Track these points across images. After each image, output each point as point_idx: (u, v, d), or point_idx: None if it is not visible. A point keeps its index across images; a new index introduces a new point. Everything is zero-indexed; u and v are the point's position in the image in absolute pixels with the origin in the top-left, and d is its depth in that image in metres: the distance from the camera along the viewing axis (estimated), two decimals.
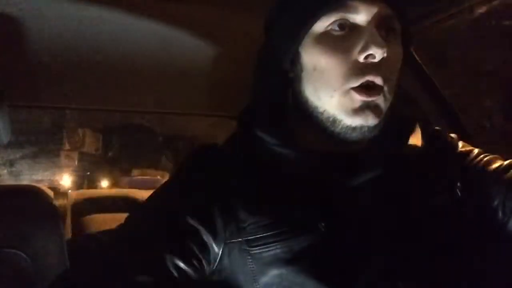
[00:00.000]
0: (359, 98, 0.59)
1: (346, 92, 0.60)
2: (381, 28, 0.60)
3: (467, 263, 0.63)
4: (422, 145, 0.70)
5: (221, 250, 0.60)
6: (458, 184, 0.66)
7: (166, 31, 1.02)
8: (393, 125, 0.66)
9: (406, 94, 1.19)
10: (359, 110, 0.59)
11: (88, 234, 1.40)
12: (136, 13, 0.95)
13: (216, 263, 0.60)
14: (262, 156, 0.65)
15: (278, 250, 0.58)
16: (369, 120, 0.60)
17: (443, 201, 0.65)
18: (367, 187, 0.62)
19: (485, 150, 0.72)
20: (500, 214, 0.64)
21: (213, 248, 0.59)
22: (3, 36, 0.96)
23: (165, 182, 0.68)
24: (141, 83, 1.27)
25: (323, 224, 0.59)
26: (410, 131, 0.70)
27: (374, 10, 0.58)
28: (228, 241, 0.60)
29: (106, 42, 1.05)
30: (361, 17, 0.59)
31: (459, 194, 0.66)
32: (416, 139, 0.70)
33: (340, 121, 0.61)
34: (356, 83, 0.59)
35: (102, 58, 1.11)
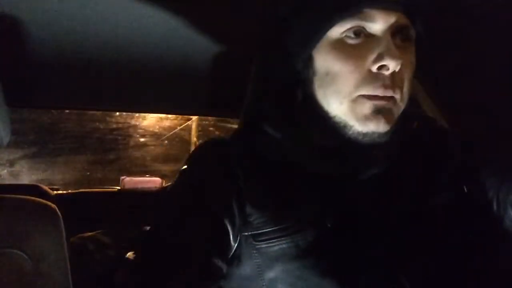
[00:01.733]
0: (370, 103, 0.59)
1: (356, 99, 0.59)
2: (397, 37, 0.59)
3: (471, 259, 0.63)
4: (424, 141, 0.70)
5: (236, 243, 0.61)
6: (462, 180, 0.67)
7: (166, 31, 1.02)
8: (397, 122, 0.66)
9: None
10: (370, 116, 0.59)
11: (88, 234, 1.39)
12: (136, 13, 0.95)
13: (231, 254, 0.61)
14: (268, 152, 0.65)
15: (284, 245, 0.59)
16: (381, 126, 0.59)
17: (448, 197, 0.65)
18: (372, 183, 0.62)
19: (484, 145, 0.72)
20: (495, 207, 0.64)
21: (231, 244, 0.60)
22: (3, 36, 0.96)
23: (175, 184, 0.67)
24: (141, 83, 1.27)
25: (329, 220, 0.59)
26: (414, 128, 0.70)
27: (391, 19, 0.58)
28: (239, 234, 0.61)
29: (106, 42, 1.05)
30: (377, 26, 0.58)
31: (465, 189, 0.66)
32: (418, 135, 0.70)
33: (351, 127, 0.61)
34: (365, 92, 0.59)
35: (102, 59, 1.11)
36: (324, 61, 0.61)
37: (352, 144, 0.64)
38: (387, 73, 0.57)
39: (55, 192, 1.73)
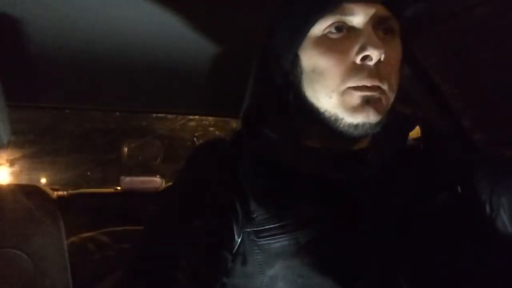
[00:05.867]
0: (358, 94, 0.60)
1: (344, 91, 0.60)
2: (379, 29, 0.61)
3: (467, 260, 0.63)
4: (421, 143, 0.70)
5: (239, 238, 0.62)
6: (458, 181, 0.67)
7: (166, 31, 1.02)
8: (394, 123, 0.66)
9: (406, 94, 1.19)
10: (359, 107, 0.60)
11: (88, 234, 1.40)
12: (136, 13, 0.95)
13: (234, 250, 0.62)
14: (267, 153, 0.66)
15: (285, 242, 0.60)
16: (371, 117, 0.60)
17: (445, 198, 0.65)
18: (371, 183, 0.63)
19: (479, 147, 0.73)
20: (488, 209, 0.65)
21: (235, 239, 0.61)
22: (3, 36, 0.96)
23: (177, 181, 0.68)
24: (141, 83, 1.27)
25: (330, 218, 0.60)
26: (410, 129, 0.70)
27: (371, 11, 0.59)
28: (242, 230, 0.62)
29: (106, 42, 1.05)
30: (358, 19, 0.60)
31: (460, 191, 0.67)
32: (415, 137, 0.70)
33: (341, 120, 0.61)
34: (353, 84, 0.60)
35: (102, 59, 1.11)
36: (310, 58, 0.63)
37: (346, 146, 0.64)
38: (371, 63, 0.59)
39: (55, 192, 1.73)
